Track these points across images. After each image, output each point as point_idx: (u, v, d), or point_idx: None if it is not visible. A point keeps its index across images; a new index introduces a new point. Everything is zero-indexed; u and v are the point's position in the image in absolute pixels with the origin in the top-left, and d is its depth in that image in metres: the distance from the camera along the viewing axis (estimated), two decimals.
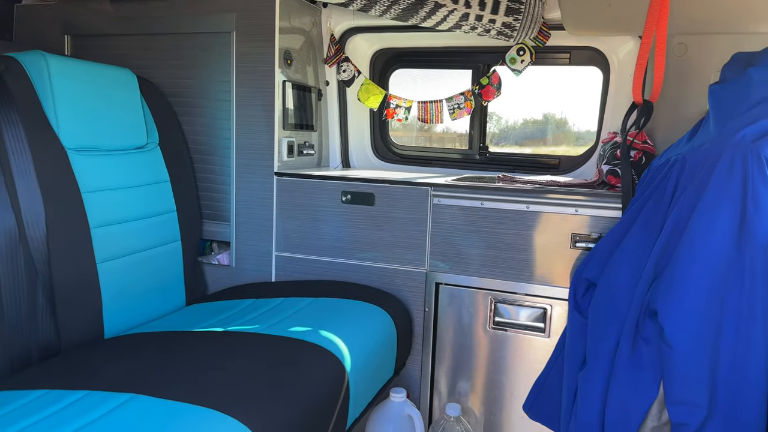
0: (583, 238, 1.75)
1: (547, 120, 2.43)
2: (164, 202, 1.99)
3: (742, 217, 1.29)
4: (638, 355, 1.40)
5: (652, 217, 1.47)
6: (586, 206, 1.75)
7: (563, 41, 2.14)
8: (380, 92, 2.32)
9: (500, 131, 2.51)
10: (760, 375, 1.27)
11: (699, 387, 1.29)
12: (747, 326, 1.27)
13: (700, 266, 1.31)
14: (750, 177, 1.30)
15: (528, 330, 1.85)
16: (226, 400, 1.16)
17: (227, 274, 2.16)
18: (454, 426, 1.84)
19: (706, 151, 1.41)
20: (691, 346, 1.30)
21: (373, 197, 1.97)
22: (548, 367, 1.74)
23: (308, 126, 2.28)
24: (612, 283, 1.51)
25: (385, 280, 1.99)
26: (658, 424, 1.40)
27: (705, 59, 1.79)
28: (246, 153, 2.10)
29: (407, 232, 1.95)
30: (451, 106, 2.26)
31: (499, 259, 1.85)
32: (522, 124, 2.47)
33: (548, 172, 2.30)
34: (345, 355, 1.47)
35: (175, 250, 2.02)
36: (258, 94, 2.07)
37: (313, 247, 2.07)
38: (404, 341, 1.88)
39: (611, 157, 1.86)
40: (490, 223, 1.85)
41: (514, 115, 2.47)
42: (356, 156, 2.54)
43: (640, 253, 1.47)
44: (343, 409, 1.40)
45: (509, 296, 1.86)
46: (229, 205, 2.15)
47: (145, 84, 2.04)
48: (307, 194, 2.05)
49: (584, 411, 1.48)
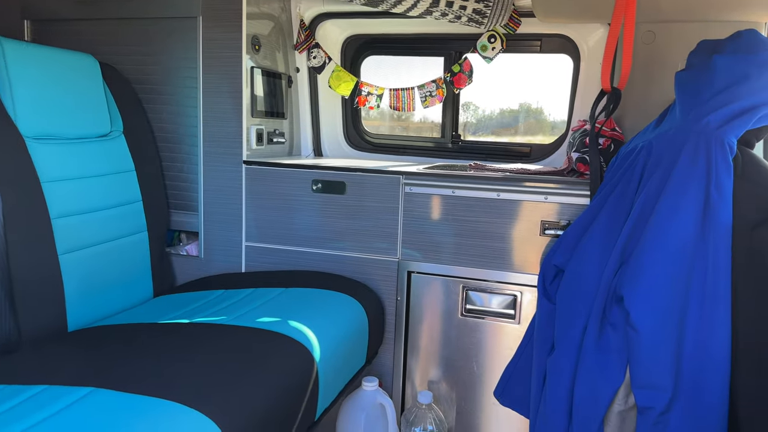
0: (553, 225, 1.76)
1: (523, 110, 2.43)
2: (129, 192, 1.95)
3: (705, 203, 1.31)
4: (605, 340, 1.42)
5: (619, 203, 1.48)
6: (556, 194, 1.75)
7: (534, 29, 2.14)
8: (351, 79, 2.30)
9: (477, 121, 2.50)
10: (722, 358, 1.29)
11: (664, 371, 1.31)
12: (710, 311, 1.29)
13: (665, 252, 1.33)
14: (713, 164, 1.31)
15: (499, 317, 1.86)
16: (191, 393, 1.14)
17: (196, 265, 2.13)
18: (426, 413, 1.84)
19: (671, 137, 1.42)
20: (656, 331, 1.32)
21: (344, 186, 1.95)
22: (518, 353, 1.75)
23: (278, 113, 2.25)
24: (579, 269, 1.51)
25: (357, 269, 1.98)
26: (624, 407, 1.41)
27: (673, 47, 1.80)
28: (214, 141, 2.06)
29: (379, 221, 1.94)
30: (423, 93, 2.25)
31: (470, 247, 1.85)
32: (499, 113, 2.47)
33: (520, 161, 2.31)
34: (314, 345, 1.45)
35: (141, 240, 1.98)
36: (225, 81, 2.03)
37: (283, 237, 2.04)
38: (376, 330, 1.87)
39: (580, 144, 1.87)
40: (461, 211, 1.85)
41: (491, 104, 2.47)
42: (328, 144, 2.51)
43: (607, 239, 1.48)
44: (311, 400, 1.38)
45: (480, 284, 1.86)
46: (197, 195, 2.11)
47: (109, 70, 1.98)
48: (276, 183, 2.02)
49: (552, 396, 1.49)
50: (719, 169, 1.31)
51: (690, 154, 1.34)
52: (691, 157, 1.34)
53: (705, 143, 1.33)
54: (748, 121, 1.33)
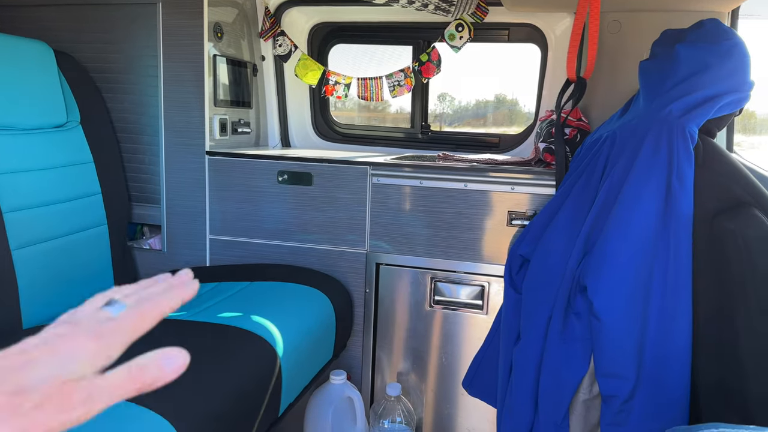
0: (520, 215, 1.76)
1: (496, 101, 2.42)
2: (87, 184, 1.88)
3: (667, 192, 1.31)
4: (570, 330, 1.42)
5: (584, 192, 1.48)
6: (522, 184, 1.75)
7: (502, 18, 2.12)
8: (318, 68, 2.25)
9: (453, 112, 2.49)
10: (683, 346, 1.30)
11: (627, 360, 1.32)
12: (672, 300, 1.30)
13: (628, 241, 1.33)
14: (675, 153, 1.32)
15: (467, 308, 1.85)
16: (145, 393, 1.10)
17: (159, 259, 2.07)
18: (394, 405, 1.83)
19: (634, 127, 1.42)
20: (620, 320, 1.32)
21: (311, 177, 1.92)
22: (486, 343, 1.74)
23: (243, 103, 2.20)
24: (545, 259, 1.51)
25: (325, 261, 1.95)
26: (589, 396, 1.42)
27: (638, 36, 1.81)
28: (176, 131, 2.00)
29: (347, 213, 1.91)
30: (391, 83, 2.22)
31: (438, 238, 1.84)
32: (474, 105, 2.46)
33: (489, 151, 2.30)
34: (277, 340, 1.42)
35: (101, 234, 1.92)
36: (187, 69, 1.97)
37: (249, 229, 2.00)
38: (344, 323, 1.85)
39: (547, 134, 1.87)
40: (429, 202, 1.83)
41: (466, 96, 2.45)
42: (296, 134, 2.47)
43: (571, 228, 1.48)
44: (274, 396, 1.36)
45: (449, 275, 1.85)
46: (159, 187, 2.05)
47: (64, 58, 1.90)
48: (241, 174, 1.98)
49: (518, 385, 1.49)
50: (681, 158, 1.31)
51: (652, 143, 1.34)
52: (653, 146, 1.34)
53: (667, 132, 1.34)
54: (710, 110, 1.33)
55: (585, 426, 1.43)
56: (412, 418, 1.86)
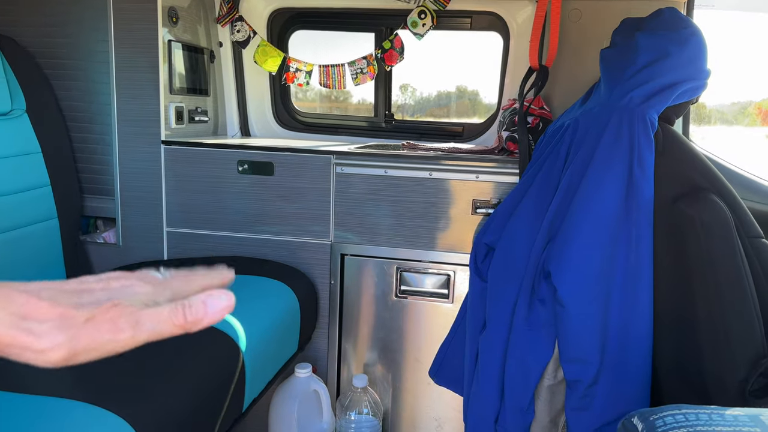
0: (484, 204, 1.76)
1: (458, 91, 2.41)
2: (35, 176, 1.79)
3: (629, 178, 1.33)
4: (534, 316, 1.43)
5: (546, 180, 1.49)
6: (487, 172, 1.75)
7: (464, 5, 2.11)
8: (278, 55, 2.20)
9: (416, 102, 2.47)
10: (645, 330, 1.32)
11: (591, 345, 1.33)
12: (633, 285, 1.32)
13: (590, 228, 1.34)
14: (636, 140, 1.33)
15: (432, 297, 1.85)
16: (98, 391, 1.05)
17: (114, 254, 1.99)
18: (361, 397, 1.81)
19: (596, 114, 1.43)
20: (583, 306, 1.33)
21: (272, 166, 1.87)
22: (452, 332, 1.74)
23: (200, 90, 2.12)
24: (509, 247, 1.52)
25: (289, 253, 1.91)
26: (554, 382, 1.43)
27: (599, 25, 1.82)
28: (129, 120, 1.92)
29: (310, 203, 1.87)
30: (354, 70, 2.18)
31: (403, 227, 1.82)
32: (436, 96, 2.45)
33: (452, 140, 2.29)
34: (239, 334, 1.36)
35: (51, 228, 1.83)
36: (140, 55, 1.88)
37: (208, 221, 1.94)
38: (308, 315, 1.82)
39: (510, 123, 1.87)
40: (394, 192, 1.81)
41: (428, 86, 2.44)
42: (256, 123, 2.41)
43: (535, 216, 1.48)
44: (238, 392, 1.32)
45: (414, 264, 1.84)
46: (112, 178, 1.97)
47: (6, 42, 1.79)
48: (199, 164, 1.91)
49: (484, 373, 1.50)
50: (641, 145, 1.33)
51: (614, 130, 1.36)
52: (614, 133, 1.36)
53: (628, 119, 1.35)
54: (669, 97, 1.35)
55: (550, 411, 1.44)
56: (378, 409, 1.85)
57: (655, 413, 0.98)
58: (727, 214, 1.25)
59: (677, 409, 0.98)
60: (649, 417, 0.98)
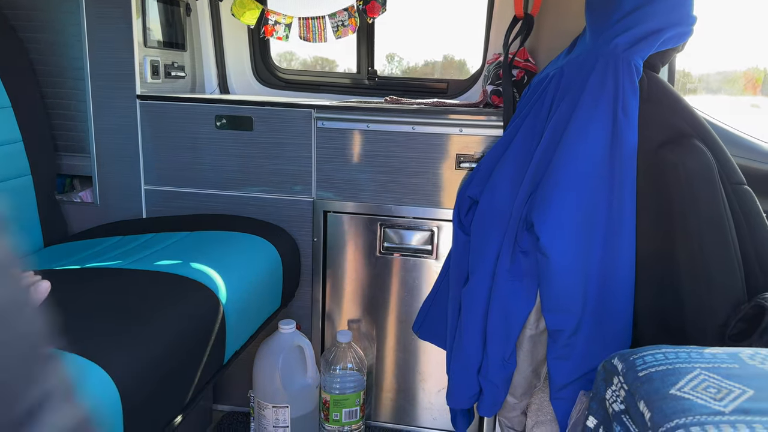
0: (468, 158, 1.73)
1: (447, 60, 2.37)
2: (6, 131, 1.73)
3: (613, 125, 1.31)
4: (517, 266, 1.42)
5: (531, 130, 1.47)
6: (470, 125, 1.72)
7: None
8: (257, 7, 2.13)
9: (402, 73, 2.43)
10: (626, 278, 1.32)
11: (573, 295, 1.33)
12: (615, 233, 1.31)
13: (574, 176, 1.33)
14: (621, 86, 1.31)
15: (416, 253, 1.84)
16: (79, 341, 1.03)
17: (92, 213, 1.95)
18: (345, 352, 1.82)
19: (581, 62, 1.40)
20: (565, 256, 1.33)
21: (251, 121, 1.83)
22: (435, 287, 1.74)
23: (177, 45, 2.06)
24: (493, 199, 1.50)
25: (270, 211, 1.88)
26: (536, 332, 1.44)
27: None
28: (103, 75, 1.86)
29: (291, 159, 1.84)
30: (335, 23, 2.12)
31: (386, 183, 1.80)
32: (423, 65, 2.40)
33: (436, 97, 2.25)
34: (220, 287, 1.37)
35: (25, 185, 1.78)
36: (113, 7, 1.81)
37: (187, 179, 1.90)
38: (291, 272, 1.80)
39: (495, 77, 1.83)
40: (377, 147, 1.78)
41: (415, 55, 2.39)
42: (235, 80, 2.34)
43: (519, 167, 1.47)
44: (218, 344, 1.31)
45: (397, 220, 1.83)
46: (87, 135, 1.91)
47: None
48: (176, 120, 1.86)
49: (467, 324, 1.50)
50: (626, 92, 1.31)
51: (598, 77, 1.33)
52: (599, 79, 1.33)
53: (613, 66, 1.33)
54: (654, 43, 1.33)
55: (532, 361, 1.45)
56: (363, 364, 1.85)
57: (636, 353, 0.98)
58: (710, 159, 1.24)
59: (657, 348, 0.98)
60: (629, 357, 0.98)
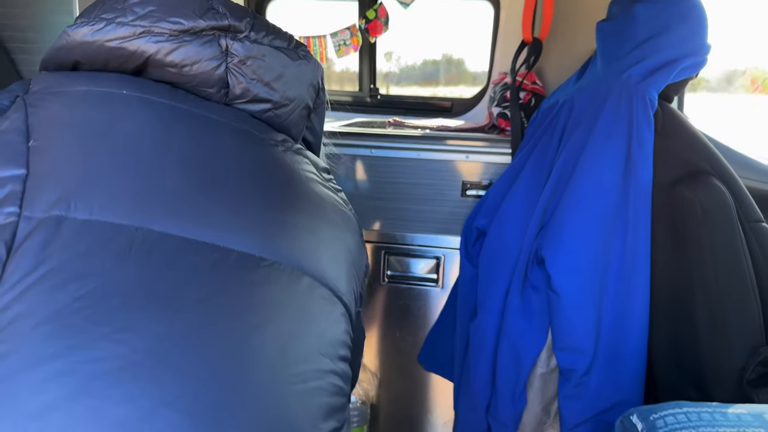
0: (474, 185, 1.69)
1: (444, 60, 2.33)
2: None
3: (627, 160, 1.27)
4: (527, 303, 1.38)
5: (541, 161, 1.43)
6: (477, 152, 1.68)
7: None
8: None
9: (400, 71, 2.38)
10: (641, 319, 1.28)
11: (585, 333, 1.29)
12: (629, 272, 1.27)
13: (587, 211, 1.29)
14: (635, 119, 1.27)
15: (421, 282, 1.79)
16: None
17: None
18: None
19: (593, 91, 1.36)
20: (578, 294, 1.29)
21: None
22: (441, 317, 1.70)
23: None
24: (502, 231, 1.46)
25: None
26: (546, 370, 1.40)
27: None
28: None
29: None
30: (337, 42, 2.07)
31: (390, 210, 1.75)
32: (421, 65, 2.36)
33: (441, 116, 2.21)
34: None
35: None
36: None
37: None
38: None
39: (501, 99, 1.79)
40: (380, 172, 1.74)
41: (414, 56, 2.35)
42: None
43: (529, 199, 1.42)
44: None
45: (402, 248, 1.78)
46: None
47: None
48: None
49: (476, 360, 1.46)
50: (641, 126, 1.27)
51: (612, 109, 1.29)
52: (613, 112, 1.29)
53: (627, 98, 1.28)
54: (669, 74, 1.28)
55: (542, 399, 1.41)
56: (367, 395, 1.81)
57: (655, 411, 0.94)
58: (727, 197, 1.20)
59: (677, 407, 0.94)
60: (649, 416, 0.94)
